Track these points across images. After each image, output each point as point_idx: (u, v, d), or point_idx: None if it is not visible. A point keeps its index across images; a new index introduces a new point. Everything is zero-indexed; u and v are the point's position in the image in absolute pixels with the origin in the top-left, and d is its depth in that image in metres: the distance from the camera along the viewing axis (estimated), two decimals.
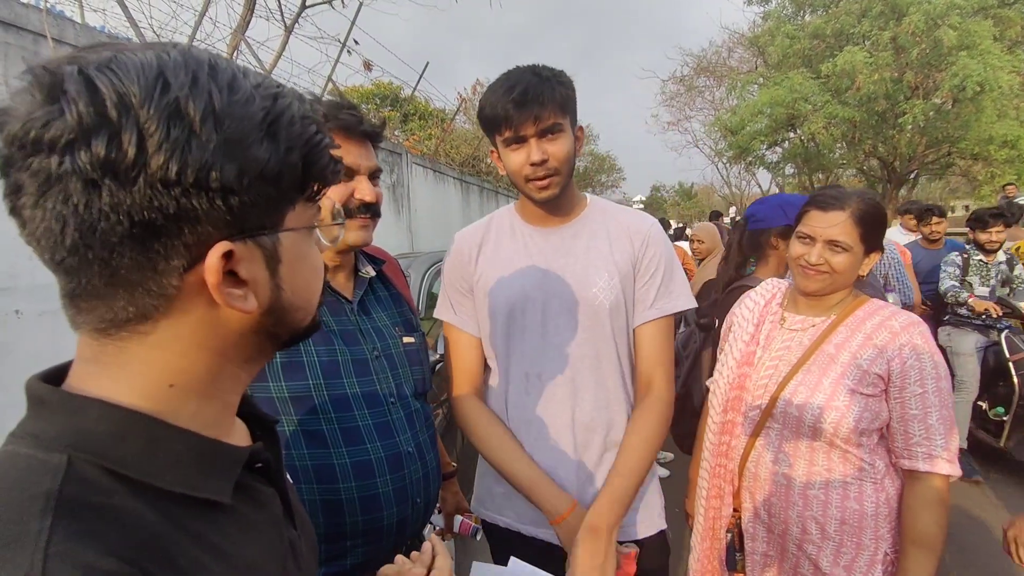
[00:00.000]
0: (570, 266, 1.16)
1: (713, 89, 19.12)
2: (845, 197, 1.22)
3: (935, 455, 1.13)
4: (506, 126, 1.06)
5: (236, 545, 0.43)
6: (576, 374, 1.15)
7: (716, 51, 17.88)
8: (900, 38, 10.47)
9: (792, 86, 11.60)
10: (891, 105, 11.35)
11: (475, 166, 10.86)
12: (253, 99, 0.39)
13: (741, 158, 15.35)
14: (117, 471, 0.37)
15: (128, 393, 0.40)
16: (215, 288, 0.39)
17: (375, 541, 0.98)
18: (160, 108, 0.35)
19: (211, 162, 0.36)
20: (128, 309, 0.39)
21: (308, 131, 0.42)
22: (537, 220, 1.21)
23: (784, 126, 13.37)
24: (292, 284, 0.45)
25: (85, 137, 0.34)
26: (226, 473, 0.44)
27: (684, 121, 20.97)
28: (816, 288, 1.23)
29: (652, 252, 1.17)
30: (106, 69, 0.35)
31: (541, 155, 1.07)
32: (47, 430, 0.38)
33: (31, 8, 2.85)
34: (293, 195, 0.43)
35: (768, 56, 13.91)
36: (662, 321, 1.17)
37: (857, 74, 10.46)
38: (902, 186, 13.55)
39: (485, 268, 1.21)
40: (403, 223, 6.94)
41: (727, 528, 1.31)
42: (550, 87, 1.05)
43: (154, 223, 0.36)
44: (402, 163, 7.01)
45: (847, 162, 14.71)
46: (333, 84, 6.03)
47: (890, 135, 11.97)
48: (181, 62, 0.37)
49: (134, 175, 0.35)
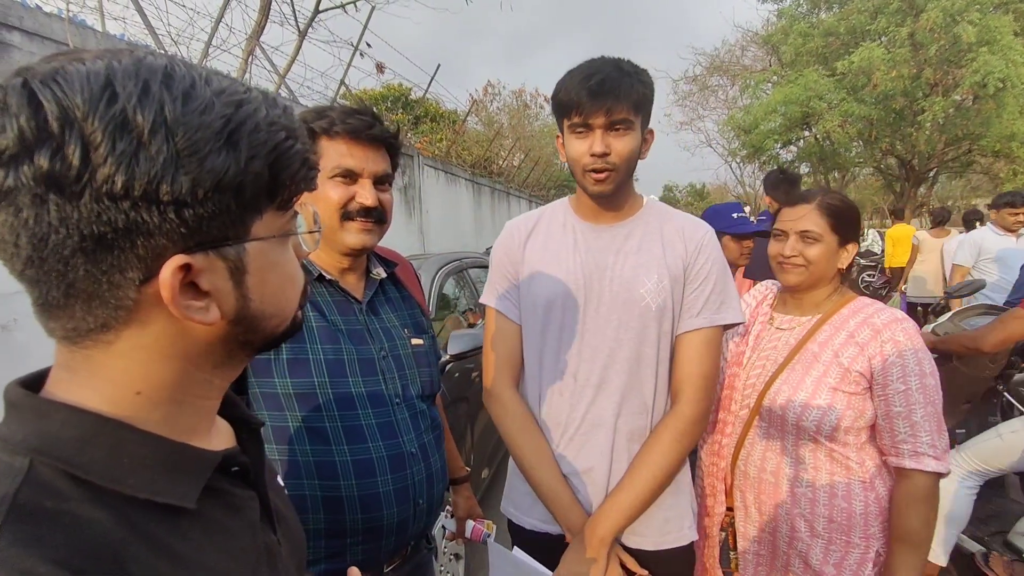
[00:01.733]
0: (619, 265, 1.13)
1: (726, 88, 18.97)
2: (811, 193, 1.28)
3: (921, 452, 1.13)
4: (576, 112, 1.05)
5: (199, 551, 0.42)
6: (613, 376, 1.12)
7: (729, 50, 17.75)
8: (918, 34, 10.30)
9: (806, 84, 11.48)
10: (909, 102, 11.17)
11: (487, 167, 10.88)
12: (212, 107, 0.38)
13: (755, 157, 15.21)
14: (79, 476, 0.37)
15: (96, 399, 0.40)
16: (170, 302, 0.38)
17: (375, 540, 0.99)
18: (105, 120, 0.34)
19: (161, 174, 0.35)
20: (87, 319, 0.38)
21: (275, 138, 0.41)
22: (591, 216, 1.18)
23: (799, 124, 13.22)
24: (261, 293, 0.44)
25: (27, 151, 0.33)
26: (194, 478, 0.43)
27: (697, 120, 20.86)
28: (796, 281, 1.26)
29: (704, 260, 1.14)
30: (51, 81, 0.34)
31: (604, 148, 1.05)
32: (15, 434, 0.38)
33: (54, 18, 2.93)
34: (259, 204, 0.41)
35: (782, 54, 13.76)
36: (706, 332, 1.12)
37: (874, 71, 10.31)
38: (921, 184, 13.32)
39: (531, 258, 1.19)
40: (414, 225, 6.98)
41: (721, 526, 1.33)
42: (629, 83, 1.04)
43: (104, 236, 0.36)
44: (414, 165, 7.05)
45: (864, 160, 14.50)
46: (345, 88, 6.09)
47: (908, 133, 11.77)
48: (132, 71, 0.36)
49: (79, 188, 0.34)
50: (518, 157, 13.85)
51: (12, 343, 2.11)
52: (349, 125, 0.98)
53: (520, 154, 13.97)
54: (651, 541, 1.14)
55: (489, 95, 15.58)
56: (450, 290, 3.35)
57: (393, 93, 11.24)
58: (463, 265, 3.55)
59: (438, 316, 3.04)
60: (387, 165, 1.05)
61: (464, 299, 3.60)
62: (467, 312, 3.55)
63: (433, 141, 9.88)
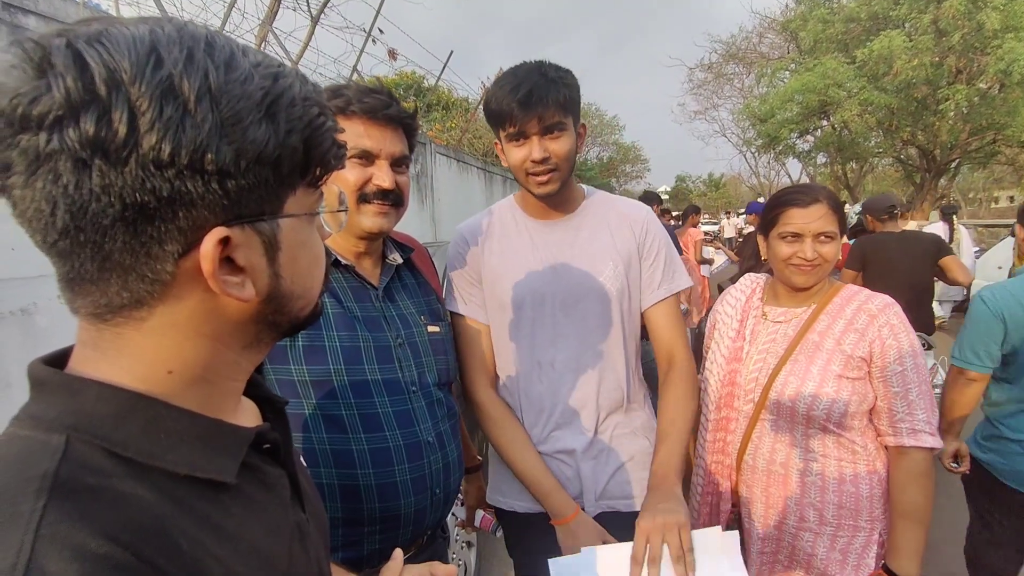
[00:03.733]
0: (577, 257, 1.22)
1: (742, 76, 18.62)
2: (816, 190, 1.27)
3: (918, 429, 1.18)
4: (510, 123, 1.11)
5: (241, 526, 0.42)
6: (587, 360, 1.21)
7: (746, 37, 17.36)
8: (941, 21, 10.01)
9: (824, 72, 11.21)
10: (932, 91, 10.88)
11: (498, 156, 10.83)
12: (252, 78, 0.37)
13: (770, 147, 14.95)
14: (118, 452, 0.37)
15: (127, 378, 0.39)
16: (211, 275, 0.38)
17: (392, 529, 0.98)
18: (152, 85, 0.33)
19: (206, 143, 0.35)
20: (122, 294, 0.37)
21: (310, 113, 0.40)
22: (539, 213, 1.26)
23: (815, 113, 12.95)
24: (292, 272, 0.43)
25: (73, 114, 0.32)
26: (231, 452, 0.43)
27: (711, 110, 20.54)
28: (812, 282, 1.27)
29: (652, 238, 1.25)
30: (95, 43, 0.33)
31: (542, 153, 1.11)
32: (47, 412, 0.37)
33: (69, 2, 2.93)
34: (294, 180, 0.41)
35: (800, 41, 13.46)
36: (671, 300, 1.27)
37: (895, 59, 10.04)
38: (942, 175, 13.02)
39: (492, 260, 1.25)
40: (427, 213, 6.97)
41: (726, 524, 1.32)
42: (555, 88, 1.08)
43: (147, 206, 0.35)
44: (426, 153, 7.03)
45: (883, 151, 14.19)
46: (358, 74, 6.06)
47: (930, 122, 11.47)
48: (176, 37, 0.35)
49: (125, 155, 0.33)
50: None
51: (33, 327, 2.14)
52: (366, 104, 0.96)
53: None
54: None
55: None
56: None
57: (405, 81, 11.19)
58: None
59: None
60: (404, 146, 1.03)
61: None
62: None
63: (445, 129, 9.83)
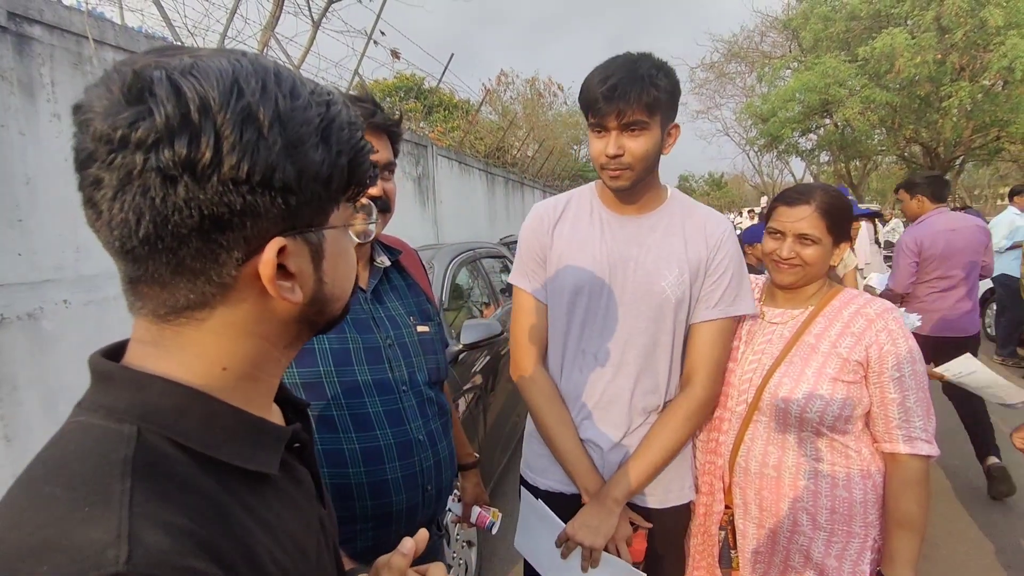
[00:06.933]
0: (642, 257, 1.20)
1: (744, 75, 18.57)
2: (810, 191, 1.26)
3: (915, 437, 1.16)
4: (592, 113, 1.11)
5: (280, 519, 0.46)
6: (630, 359, 1.21)
7: (748, 36, 17.32)
8: (943, 19, 9.97)
9: (825, 70, 11.17)
10: (935, 88, 10.83)
11: (500, 157, 10.84)
12: (310, 105, 0.42)
13: (773, 146, 14.92)
14: (180, 442, 0.41)
15: (186, 373, 0.43)
16: (269, 280, 0.42)
17: (384, 526, 1.01)
18: (235, 112, 0.38)
19: (276, 163, 0.40)
20: (188, 296, 0.42)
21: (355, 137, 0.46)
22: (615, 207, 1.24)
23: (817, 112, 12.91)
24: (332, 277, 0.48)
25: (169, 137, 0.37)
26: (273, 448, 0.47)
27: (714, 109, 20.47)
28: (790, 281, 1.26)
29: (723, 256, 1.21)
30: (188, 75, 0.38)
31: (617, 149, 1.10)
32: (116, 403, 0.41)
33: (74, 11, 2.97)
34: (338, 196, 0.46)
35: (802, 40, 13.42)
36: (720, 323, 1.21)
37: (898, 57, 10.01)
38: (946, 173, 12.96)
39: (560, 243, 1.25)
40: (428, 215, 7.00)
41: (720, 525, 1.31)
42: (641, 86, 1.05)
43: (222, 217, 0.39)
44: (427, 155, 7.05)
45: (887, 148, 14.14)
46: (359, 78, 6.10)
47: (934, 120, 11.43)
48: (252, 70, 0.41)
49: (209, 173, 0.38)
50: (532, 147, 13.76)
51: (39, 331, 2.18)
52: None
53: (534, 144, 13.88)
54: (656, 500, 1.26)
55: (503, 84, 15.48)
56: (463, 280, 3.36)
57: (407, 83, 11.21)
58: (476, 255, 3.56)
59: (451, 306, 3.06)
60: (389, 153, 1.05)
61: (478, 289, 3.60)
62: (482, 305, 3.55)
63: (447, 131, 9.86)
